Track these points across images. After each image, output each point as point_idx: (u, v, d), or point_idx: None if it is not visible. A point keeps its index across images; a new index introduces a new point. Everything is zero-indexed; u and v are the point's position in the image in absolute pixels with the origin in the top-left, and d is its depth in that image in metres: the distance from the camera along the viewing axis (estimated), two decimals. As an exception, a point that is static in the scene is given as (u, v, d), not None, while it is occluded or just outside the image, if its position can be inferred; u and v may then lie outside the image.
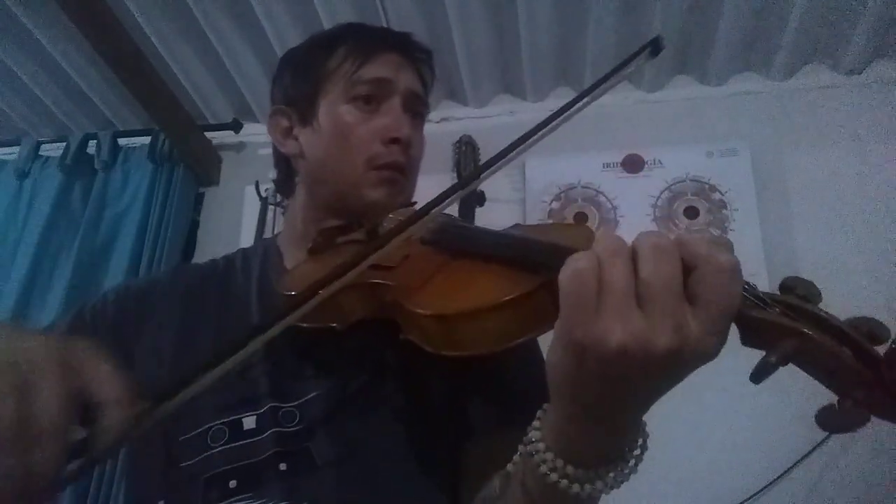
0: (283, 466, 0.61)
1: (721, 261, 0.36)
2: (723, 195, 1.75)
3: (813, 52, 1.83)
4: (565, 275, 0.38)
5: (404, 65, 0.79)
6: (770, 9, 1.69)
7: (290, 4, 1.79)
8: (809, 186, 1.74)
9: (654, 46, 0.66)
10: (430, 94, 0.85)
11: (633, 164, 1.84)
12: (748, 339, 0.39)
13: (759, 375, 0.37)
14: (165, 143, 2.11)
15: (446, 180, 1.90)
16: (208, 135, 2.20)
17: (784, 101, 1.85)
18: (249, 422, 0.63)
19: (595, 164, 1.86)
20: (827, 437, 1.49)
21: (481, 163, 1.94)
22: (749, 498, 1.49)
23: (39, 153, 2.26)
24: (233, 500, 0.60)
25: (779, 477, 1.50)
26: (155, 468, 0.64)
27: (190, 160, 2.12)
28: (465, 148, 1.92)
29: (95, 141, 2.20)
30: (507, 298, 0.46)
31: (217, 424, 0.63)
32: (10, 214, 2.17)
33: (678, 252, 0.36)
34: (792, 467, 1.50)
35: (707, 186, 1.77)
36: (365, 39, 0.79)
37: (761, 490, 1.49)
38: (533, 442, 0.45)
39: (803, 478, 1.49)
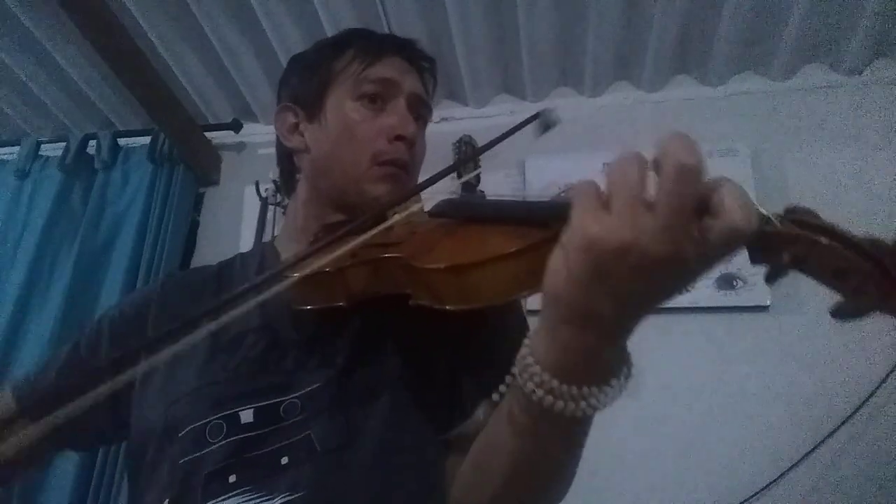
0: (284, 461, 0.61)
1: (739, 196, 0.36)
2: (723, 195, 1.76)
3: (813, 52, 1.83)
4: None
5: (409, 69, 0.82)
6: (770, 9, 1.69)
7: (289, 4, 1.79)
8: (809, 186, 1.74)
9: (544, 121, 0.65)
10: (432, 100, 0.87)
11: (633, 164, 1.84)
12: (758, 257, 0.40)
13: (772, 277, 0.39)
14: (165, 143, 2.11)
15: (445, 180, 1.89)
16: (208, 135, 2.20)
17: (784, 101, 1.85)
18: (247, 415, 0.63)
19: (595, 164, 1.85)
20: (827, 437, 1.50)
21: (481, 164, 1.94)
22: (749, 498, 1.50)
23: (39, 153, 2.26)
24: (233, 493, 0.60)
25: (779, 477, 1.50)
26: (156, 467, 0.64)
27: (190, 160, 2.13)
28: (465, 148, 1.92)
29: (95, 141, 2.20)
30: (516, 248, 0.48)
31: (215, 419, 0.63)
32: (10, 214, 2.17)
33: (701, 178, 0.37)
34: (792, 467, 1.50)
35: (707, 186, 1.77)
36: (372, 43, 0.82)
37: (761, 490, 1.50)
38: (523, 357, 0.46)
39: (803, 478, 1.50)
